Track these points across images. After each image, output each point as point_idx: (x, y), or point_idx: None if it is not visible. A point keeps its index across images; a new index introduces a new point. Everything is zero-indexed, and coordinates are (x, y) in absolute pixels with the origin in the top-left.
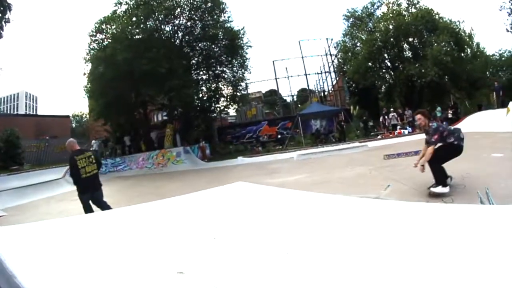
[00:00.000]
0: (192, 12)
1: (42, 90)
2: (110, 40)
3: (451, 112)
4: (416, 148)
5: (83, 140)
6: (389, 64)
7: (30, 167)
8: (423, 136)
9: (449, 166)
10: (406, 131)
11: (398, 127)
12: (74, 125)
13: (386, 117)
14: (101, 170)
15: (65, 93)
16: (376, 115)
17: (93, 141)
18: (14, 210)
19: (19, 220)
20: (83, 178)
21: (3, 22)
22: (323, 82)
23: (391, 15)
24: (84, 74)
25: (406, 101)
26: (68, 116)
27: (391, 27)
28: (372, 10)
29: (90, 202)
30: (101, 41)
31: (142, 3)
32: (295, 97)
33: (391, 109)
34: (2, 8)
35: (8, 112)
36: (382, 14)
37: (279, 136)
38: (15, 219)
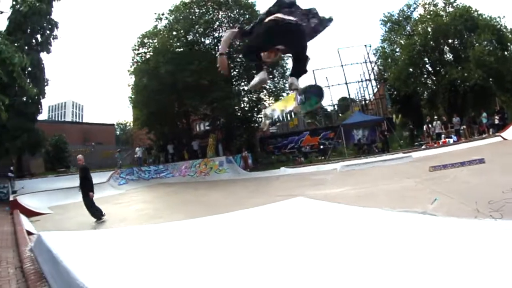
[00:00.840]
0: (231, 25)
1: (88, 99)
2: (152, 54)
3: (498, 117)
4: (463, 159)
5: (127, 147)
6: (430, 68)
7: (75, 170)
8: (469, 145)
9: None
10: (451, 140)
11: (443, 136)
12: (118, 132)
13: (430, 125)
14: (145, 176)
15: (109, 103)
16: (419, 123)
17: (137, 149)
18: (59, 208)
19: (62, 218)
20: None
21: (51, 39)
22: (364, 90)
23: (428, 16)
24: (129, 85)
25: (449, 108)
26: (113, 124)
27: (429, 29)
28: (408, 13)
29: None
30: (143, 54)
31: (181, 18)
32: (336, 106)
33: (435, 117)
34: (50, 26)
35: (56, 119)
36: (419, 16)
37: (321, 147)
38: (59, 218)
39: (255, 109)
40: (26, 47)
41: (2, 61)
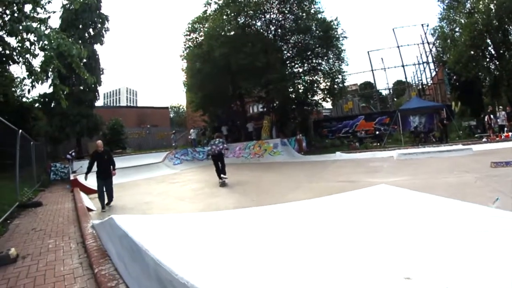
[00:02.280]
0: (281, 5)
1: (141, 85)
2: (204, 38)
3: None
4: None
5: (181, 128)
6: (493, 52)
7: (132, 151)
8: None
9: None
10: None
11: (505, 128)
12: (171, 115)
13: (492, 116)
14: (199, 157)
15: (161, 87)
16: (479, 113)
17: (192, 130)
18: (115, 186)
19: (119, 196)
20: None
21: (103, 31)
22: (421, 74)
23: None
24: (182, 70)
25: None
26: (167, 108)
27: (492, 6)
28: None
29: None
30: (195, 39)
31: (231, 1)
32: (391, 90)
33: (500, 107)
34: (101, 20)
35: (112, 104)
36: None
37: (376, 132)
38: (116, 195)
39: (310, 91)
40: (80, 41)
41: (60, 54)
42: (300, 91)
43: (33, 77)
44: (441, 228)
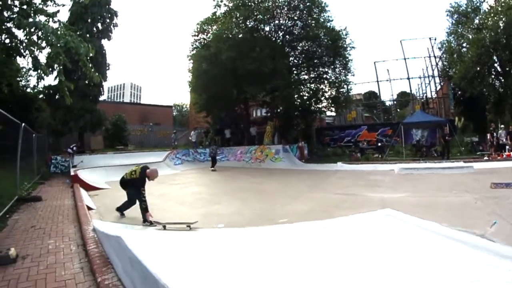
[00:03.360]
0: (291, 12)
1: (146, 81)
2: (212, 40)
3: None
4: None
5: (183, 128)
6: (499, 69)
7: (133, 148)
8: None
9: None
10: None
11: (507, 147)
12: (175, 113)
13: (494, 133)
14: (200, 158)
15: (166, 84)
16: (482, 129)
17: (192, 132)
18: (116, 184)
19: (120, 195)
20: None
21: (111, 27)
22: (426, 87)
23: (499, 9)
24: (189, 70)
25: None
26: (171, 106)
27: (500, 23)
28: (478, 4)
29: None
30: (203, 41)
31: (241, 4)
32: (394, 101)
33: (501, 126)
34: (110, 15)
35: (115, 99)
36: (489, 8)
37: (379, 144)
38: (116, 194)
39: (314, 99)
40: (88, 35)
41: (67, 50)
42: (305, 98)
43: (38, 71)
44: (443, 269)
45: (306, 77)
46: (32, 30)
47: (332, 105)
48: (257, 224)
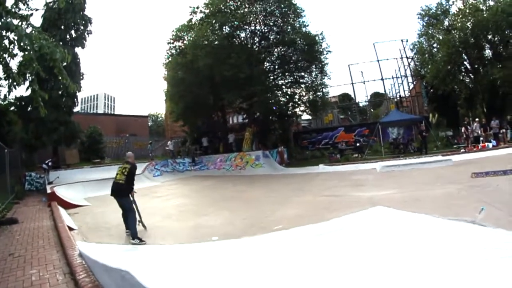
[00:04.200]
0: (266, 18)
1: (119, 91)
2: (189, 47)
3: None
4: (504, 166)
5: (160, 138)
6: (469, 67)
7: (110, 161)
8: (509, 151)
9: None
10: (490, 145)
11: (481, 139)
12: (150, 123)
13: (468, 127)
14: (179, 168)
15: (140, 94)
16: (455, 123)
17: (169, 142)
18: (95, 200)
19: (101, 212)
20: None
21: (85, 34)
22: (399, 86)
23: (468, 11)
24: (164, 78)
25: (488, 109)
26: (146, 116)
27: (469, 24)
28: (447, 7)
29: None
30: (179, 48)
31: (217, 11)
32: (369, 102)
33: (476, 119)
34: (84, 22)
35: (89, 111)
36: (458, 10)
37: (357, 144)
38: (97, 211)
39: (291, 103)
40: (61, 43)
41: (40, 56)
42: (281, 103)
43: (9, 80)
44: (444, 258)
45: (283, 82)
46: (3, 33)
47: (309, 108)
48: (251, 233)
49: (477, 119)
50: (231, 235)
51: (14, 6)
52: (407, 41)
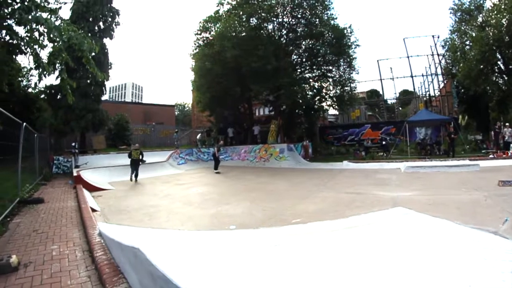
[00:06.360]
0: (294, 10)
1: (147, 81)
2: (216, 38)
3: None
4: None
5: (186, 128)
6: (502, 67)
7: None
8: None
9: None
10: None
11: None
12: (177, 113)
13: (500, 131)
14: (203, 158)
15: (167, 84)
16: (485, 127)
17: (199, 135)
18: (119, 184)
19: (124, 196)
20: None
21: (113, 25)
22: (429, 85)
23: (503, 6)
24: (191, 69)
25: None
26: (173, 106)
27: (504, 21)
28: (481, 1)
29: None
30: (206, 39)
31: (244, 2)
32: (396, 99)
33: (507, 124)
34: (111, 14)
35: (117, 99)
36: (492, 5)
37: (383, 143)
38: (120, 195)
39: (318, 97)
40: (90, 34)
41: (69, 46)
42: (308, 96)
43: (40, 70)
44: (457, 267)
45: (310, 75)
46: (34, 26)
47: (336, 103)
48: (269, 224)
49: (508, 124)
50: (249, 225)
51: (43, 0)
52: (438, 37)
